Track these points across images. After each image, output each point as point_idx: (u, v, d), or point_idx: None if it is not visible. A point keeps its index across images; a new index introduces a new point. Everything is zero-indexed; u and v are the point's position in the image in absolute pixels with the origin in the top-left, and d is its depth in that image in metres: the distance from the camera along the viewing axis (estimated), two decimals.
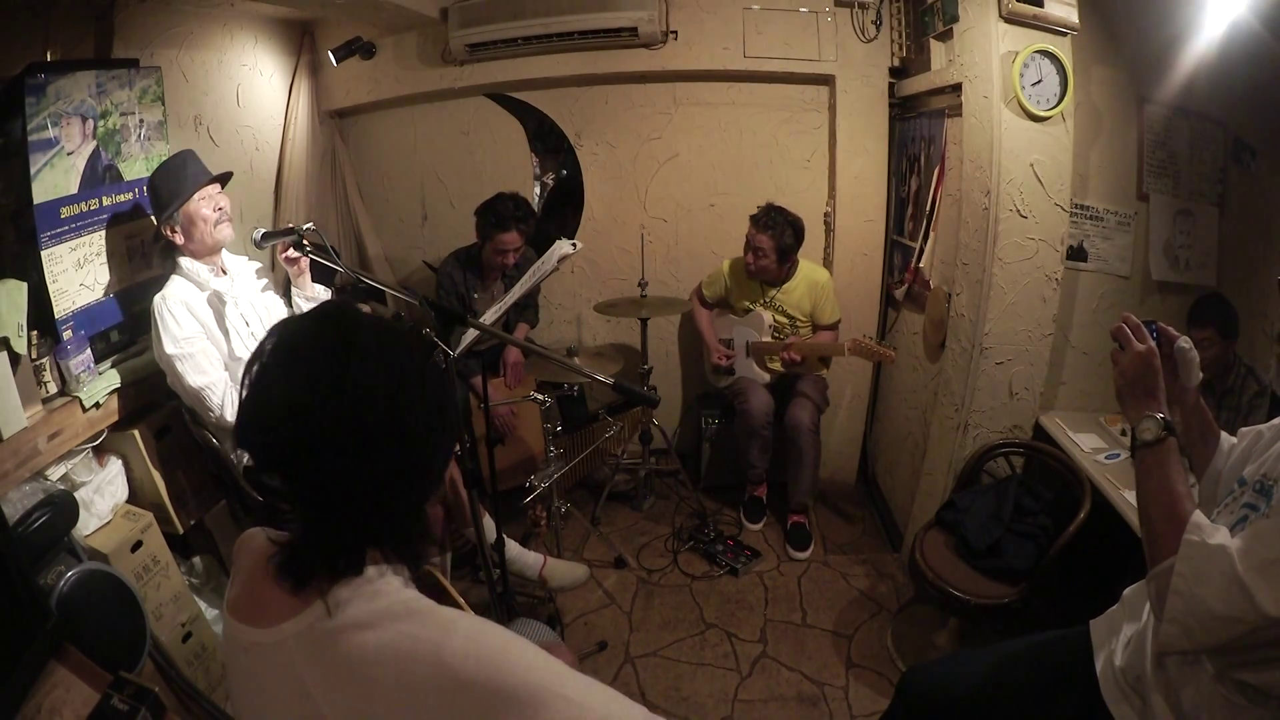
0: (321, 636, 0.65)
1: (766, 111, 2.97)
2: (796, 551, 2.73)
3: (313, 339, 0.67)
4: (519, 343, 1.61)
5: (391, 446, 0.66)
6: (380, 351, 0.67)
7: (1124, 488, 1.86)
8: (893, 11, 2.69)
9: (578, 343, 3.30)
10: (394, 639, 0.63)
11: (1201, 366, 1.14)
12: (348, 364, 0.65)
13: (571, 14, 2.68)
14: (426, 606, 0.67)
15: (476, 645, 0.62)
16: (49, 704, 1.20)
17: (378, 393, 0.65)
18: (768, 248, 2.63)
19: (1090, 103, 2.15)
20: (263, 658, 0.68)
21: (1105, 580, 1.57)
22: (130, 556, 1.75)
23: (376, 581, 0.68)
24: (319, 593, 0.66)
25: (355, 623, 0.64)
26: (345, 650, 0.63)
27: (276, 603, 0.67)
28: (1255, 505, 0.99)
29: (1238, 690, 0.92)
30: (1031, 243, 2.08)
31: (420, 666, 0.61)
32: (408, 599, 0.67)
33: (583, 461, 2.93)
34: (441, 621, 0.65)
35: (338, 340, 0.66)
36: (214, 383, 1.80)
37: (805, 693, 2.08)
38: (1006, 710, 1.23)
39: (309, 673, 0.65)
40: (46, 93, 1.63)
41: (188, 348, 1.78)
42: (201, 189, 1.83)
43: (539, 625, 1.40)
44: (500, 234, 2.61)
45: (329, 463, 0.64)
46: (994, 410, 2.22)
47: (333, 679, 0.64)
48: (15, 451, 1.53)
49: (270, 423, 0.65)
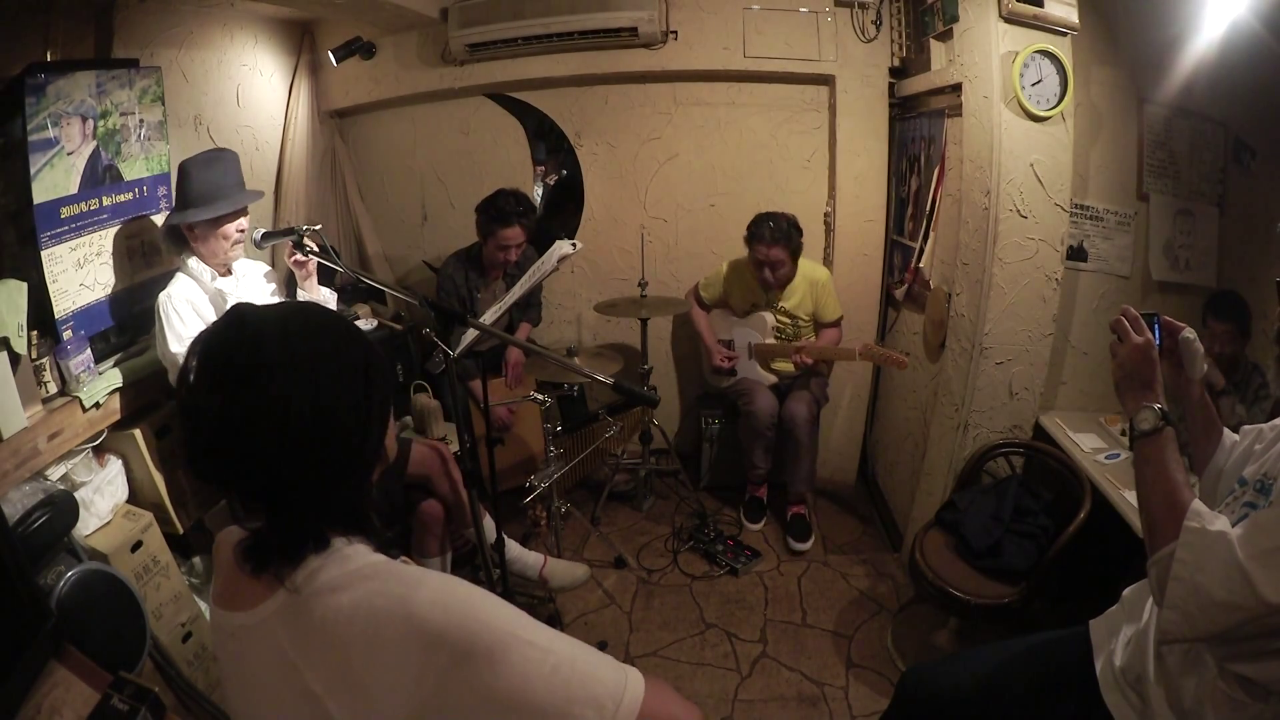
0: (298, 605, 0.66)
1: (766, 111, 2.97)
2: (797, 543, 2.72)
3: (222, 357, 0.67)
4: (519, 343, 1.61)
5: (321, 442, 0.67)
6: (290, 351, 0.67)
7: (1124, 488, 1.86)
8: (893, 11, 2.69)
9: (578, 343, 3.30)
10: (364, 596, 0.65)
11: (1220, 364, 1.14)
12: (260, 378, 0.65)
13: (571, 14, 2.68)
14: (394, 565, 0.70)
15: (443, 595, 0.65)
16: (49, 704, 1.20)
17: (294, 399, 0.65)
18: (784, 258, 2.62)
19: (1090, 103, 2.15)
20: (249, 640, 0.70)
21: (1105, 580, 1.57)
22: (130, 556, 1.75)
23: (345, 549, 0.70)
24: (289, 571, 0.67)
25: (328, 586, 0.66)
26: (320, 614, 0.65)
27: (253, 586, 0.69)
28: (1255, 504, 1.00)
29: (1238, 686, 0.92)
30: (1031, 243, 2.08)
31: (390, 620, 0.63)
32: (375, 560, 0.70)
33: (583, 461, 2.93)
34: (409, 577, 0.67)
35: (245, 354, 0.66)
36: None
37: (805, 693, 2.08)
38: (1006, 710, 1.23)
39: (291, 644, 0.66)
40: (46, 93, 1.63)
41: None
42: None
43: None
44: (502, 229, 2.60)
45: (265, 472, 0.66)
46: (994, 410, 2.22)
47: (312, 644, 0.65)
48: (15, 451, 1.53)
49: (203, 449, 0.66)
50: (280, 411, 0.65)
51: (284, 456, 0.66)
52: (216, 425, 0.65)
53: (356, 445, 0.71)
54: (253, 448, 0.65)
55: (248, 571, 0.69)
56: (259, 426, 0.64)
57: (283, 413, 0.65)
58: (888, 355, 2.44)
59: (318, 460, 0.67)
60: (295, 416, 0.65)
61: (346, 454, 0.70)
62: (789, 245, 2.61)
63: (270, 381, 0.65)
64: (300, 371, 0.67)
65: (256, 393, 0.65)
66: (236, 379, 0.65)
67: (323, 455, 0.68)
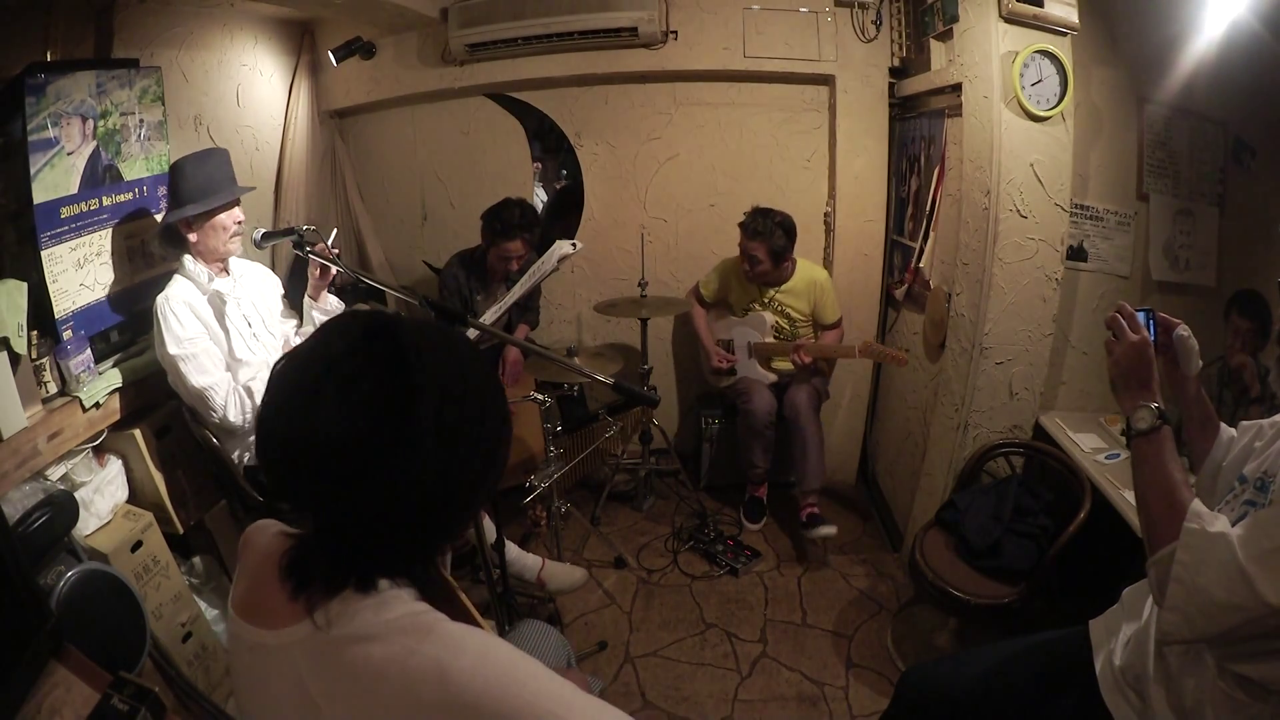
0: (326, 645, 0.62)
1: (766, 111, 2.97)
2: (820, 529, 2.60)
3: (366, 363, 0.60)
4: (519, 343, 1.61)
5: (443, 485, 0.62)
6: (445, 375, 0.62)
7: (1124, 488, 1.86)
8: (893, 11, 2.69)
9: (578, 343, 3.30)
10: (399, 653, 0.60)
11: (1238, 363, 1.14)
12: (413, 397, 0.59)
13: (571, 14, 2.68)
14: (434, 621, 0.64)
15: (483, 664, 0.60)
16: (49, 704, 1.20)
17: (447, 428, 0.60)
18: (761, 254, 2.63)
19: (1090, 103, 2.15)
20: (267, 659, 0.66)
21: (1105, 580, 1.56)
22: (130, 556, 1.75)
23: (386, 592, 0.65)
24: (322, 601, 0.63)
25: (362, 634, 0.62)
26: (349, 661, 0.61)
27: (283, 605, 0.65)
28: (1255, 502, 0.99)
29: (1238, 685, 0.92)
30: (1031, 243, 2.08)
31: (424, 684, 0.59)
32: (416, 612, 0.64)
33: (583, 461, 2.93)
34: (449, 638, 0.62)
35: (395, 366, 0.60)
36: (217, 383, 1.80)
37: (805, 693, 2.08)
38: (1006, 710, 1.23)
39: (313, 680, 0.63)
40: (46, 93, 1.63)
41: (190, 348, 1.78)
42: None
43: (551, 630, 1.38)
44: (505, 242, 2.63)
45: (364, 500, 0.61)
46: (994, 410, 2.22)
47: (336, 689, 0.62)
48: (15, 451, 1.53)
49: (316, 461, 0.60)
50: (429, 436, 0.60)
51: (401, 488, 0.60)
52: (342, 440, 0.59)
53: (456, 513, 0.67)
54: (375, 470, 0.59)
55: (288, 590, 0.64)
56: (398, 448, 0.59)
57: (433, 438, 0.60)
58: (887, 352, 2.44)
59: (426, 501, 0.63)
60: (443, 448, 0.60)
61: (457, 503, 0.65)
62: (768, 243, 2.61)
63: (425, 397, 0.59)
64: (453, 391, 0.61)
65: (405, 405, 0.59)
66: (386, 385, 0.59)
67: (435, 497, 0.63)
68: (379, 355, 0.61)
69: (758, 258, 2.64)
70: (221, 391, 1.79)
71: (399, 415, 0.60)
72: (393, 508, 0.61)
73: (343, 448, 0.59)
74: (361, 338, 0.63)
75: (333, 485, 0.61)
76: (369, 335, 0.63)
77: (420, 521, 0.64)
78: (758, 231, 2.61)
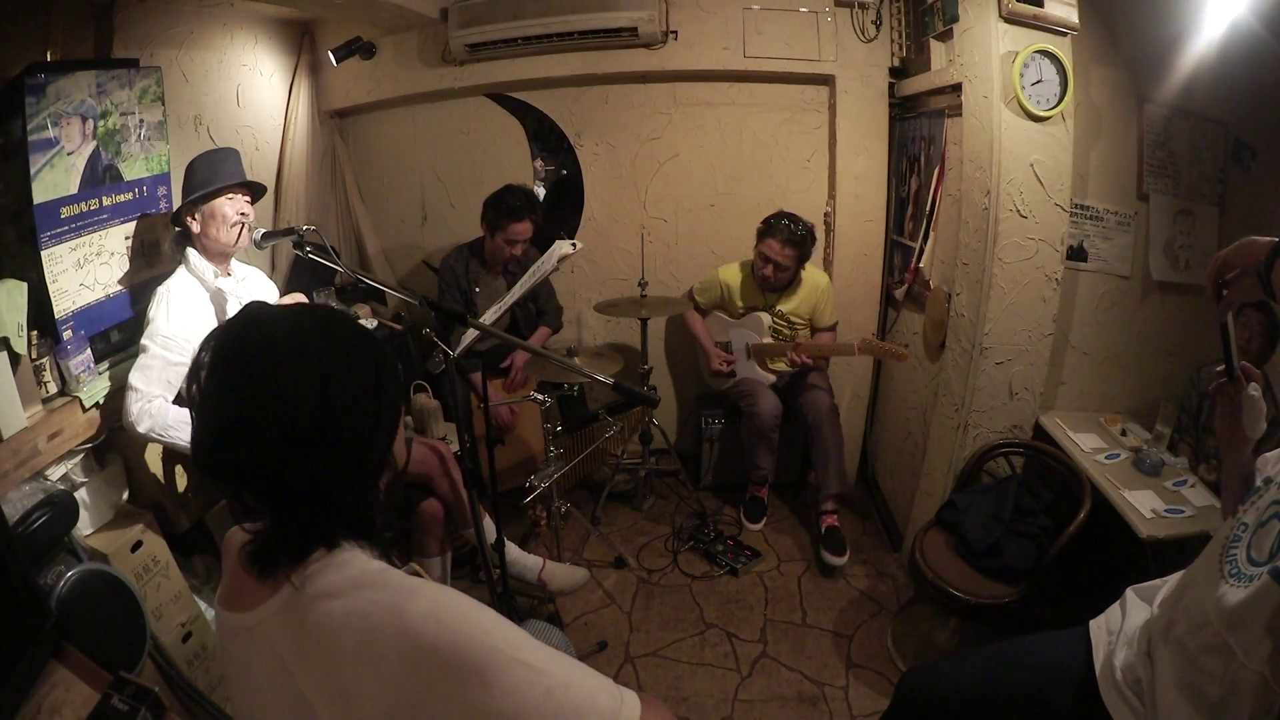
0: (294, 609, 0.66)
1: (766, 111, 2.97)
2: (833, 556, 2.57)
3: (235, 356, 0.67)
4: (519, 342, 1.61)
5: (329, 445, 0.67)
6: (302, 353, 0.67)
7: (1124, 488, 1.86)
8: (893, 11, 2.69)
9: (578, 343, 3.30)
10: (358, 605, 0.64)
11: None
12: (272, 379, 0.65)
13: (571, 14, 2.68)
14: (392, 573, 0.68)
15: (437, 608, 0.63)
16: (49, 704, 1.20)
17: (307, 399, 0.65)
18: (790, 261, 2.62)
19: (1090, 103, 2.15)
20: (248, 642, 0.70)
21: (1105, 580, 1.57)
22: (130, 556, 1.75)
23: (345, 553, 0.69)
24: (288, 574, 0.67)
25: (324, 592, 0.66)
26: (314, 619, 0.65)
27: (257, 587, 0.69)
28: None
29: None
30: (1031, 243, 2.08)
31: (382, 630, 0.62)
32: (374, 568, 0.69)
33: (583, 461, 2.93)
34: (404, 586, 0.66)
35: (258, 353, 0.67)
36: (146, 394, 1.69)
37: (805, 693, 2.08)
38: (1006, 710, 1.23)
39: (285, 648, 0.66)
40: (46, 93, 1.63)
41: (157, 349, 1.71)
42: (232, 190, 1.84)
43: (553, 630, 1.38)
44: (513, 223, 2.63)
45: (272, 472, 0.66)
46: (994, 410, 2.22)
47: (304, 649, 0.65)
48: (15, 451, 1.53)
49: (214, 444, 0.66)
50: (290, 413, 0.65)
51: (292, 458, 0.66)
52: (227, 423, 0.65)
53: (365, 450, 0.71)
54: (261, 448, 0.65)
55: (254, 575, 0.68)
56: (268, 427, 0.64)
57: (293, 414, 0.65)
58: (886, 348, 2.43)
59: (325, 463, 0.67)
60: (305, 418, 0.65)
61: (354, 458, 0.70)
62: (800, 251, 2.61)
63: (282, 383, 0.65)
64: (311, 373, 0.66)
65: (268, 393, 0.65)
66: (248, 379, 0.65)
67: (330, 458, 0.67)
68: (247, 341, 0.68)
69: (786, 264, 2.62)
70: (141, 401, 1.68)
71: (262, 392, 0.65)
72: (295, 473, 0.66)
73: (225, 431, 0.66)
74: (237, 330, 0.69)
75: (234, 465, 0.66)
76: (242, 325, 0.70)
77: (329, 476, 0.68)
78: (791, 240, 2.59)
